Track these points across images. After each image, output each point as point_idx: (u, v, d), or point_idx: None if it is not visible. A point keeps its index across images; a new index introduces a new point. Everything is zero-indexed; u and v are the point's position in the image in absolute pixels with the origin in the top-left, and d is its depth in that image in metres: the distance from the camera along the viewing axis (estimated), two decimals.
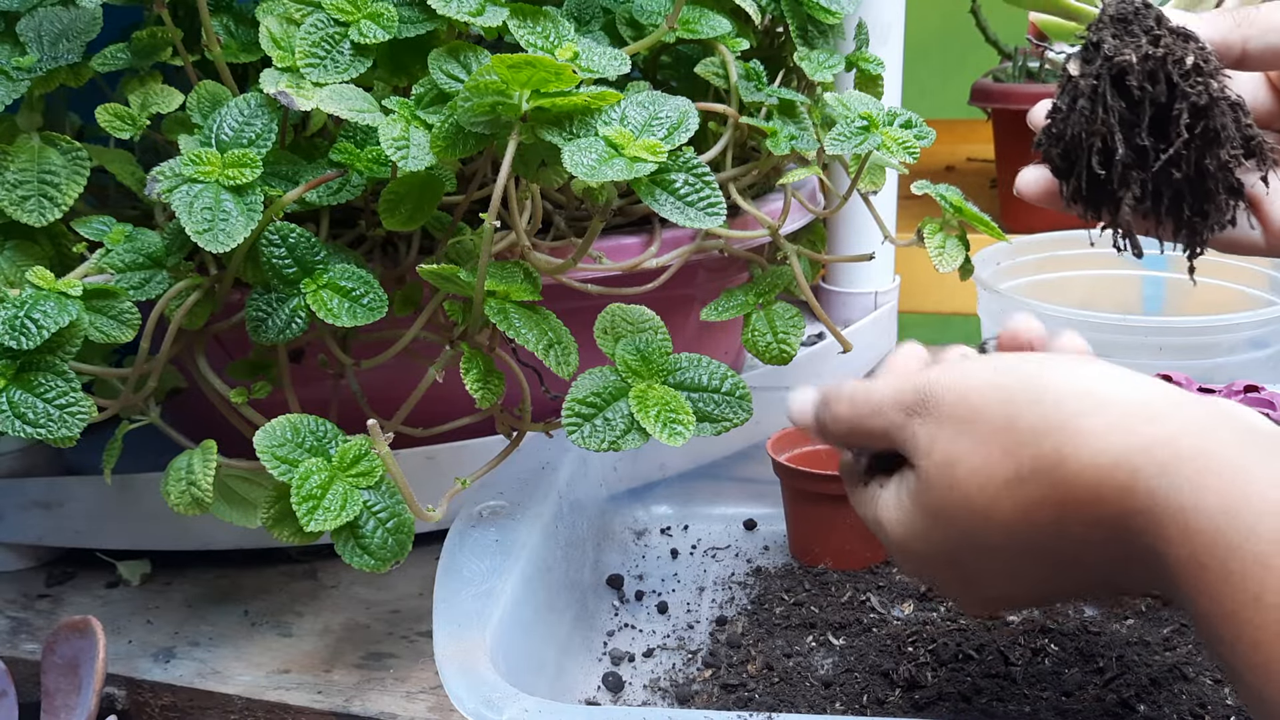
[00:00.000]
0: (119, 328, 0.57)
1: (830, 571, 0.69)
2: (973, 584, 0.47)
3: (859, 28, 0.81)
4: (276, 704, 0.63)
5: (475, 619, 0.53)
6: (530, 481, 0.67)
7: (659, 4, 0.70)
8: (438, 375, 0.59)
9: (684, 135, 0.55)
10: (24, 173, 0.59)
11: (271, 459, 0.55)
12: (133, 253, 0.59)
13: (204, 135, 0.58)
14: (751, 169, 0.73)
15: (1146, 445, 0.40)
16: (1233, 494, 0.38)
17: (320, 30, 0.59)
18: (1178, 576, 0.39)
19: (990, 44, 1.31)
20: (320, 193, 0.59)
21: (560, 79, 0.53)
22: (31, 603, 0.75)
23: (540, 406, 0.63)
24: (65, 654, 0.58)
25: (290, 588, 0.75)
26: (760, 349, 0.68)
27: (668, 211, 0.55)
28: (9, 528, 0.77)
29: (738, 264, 0.78)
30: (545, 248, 0.67)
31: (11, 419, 0.53)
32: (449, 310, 0.59)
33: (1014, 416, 0.43)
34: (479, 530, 0.61)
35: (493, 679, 0.48)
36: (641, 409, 0.57)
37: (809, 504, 0.71)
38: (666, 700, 0.58)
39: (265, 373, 0.63)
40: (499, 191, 0.55)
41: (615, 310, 0.61)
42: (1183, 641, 0.60)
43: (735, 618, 0.65)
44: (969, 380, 0.45)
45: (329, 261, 0.58)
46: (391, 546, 0.57)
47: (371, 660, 0.67)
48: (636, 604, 0.68)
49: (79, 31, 0.63)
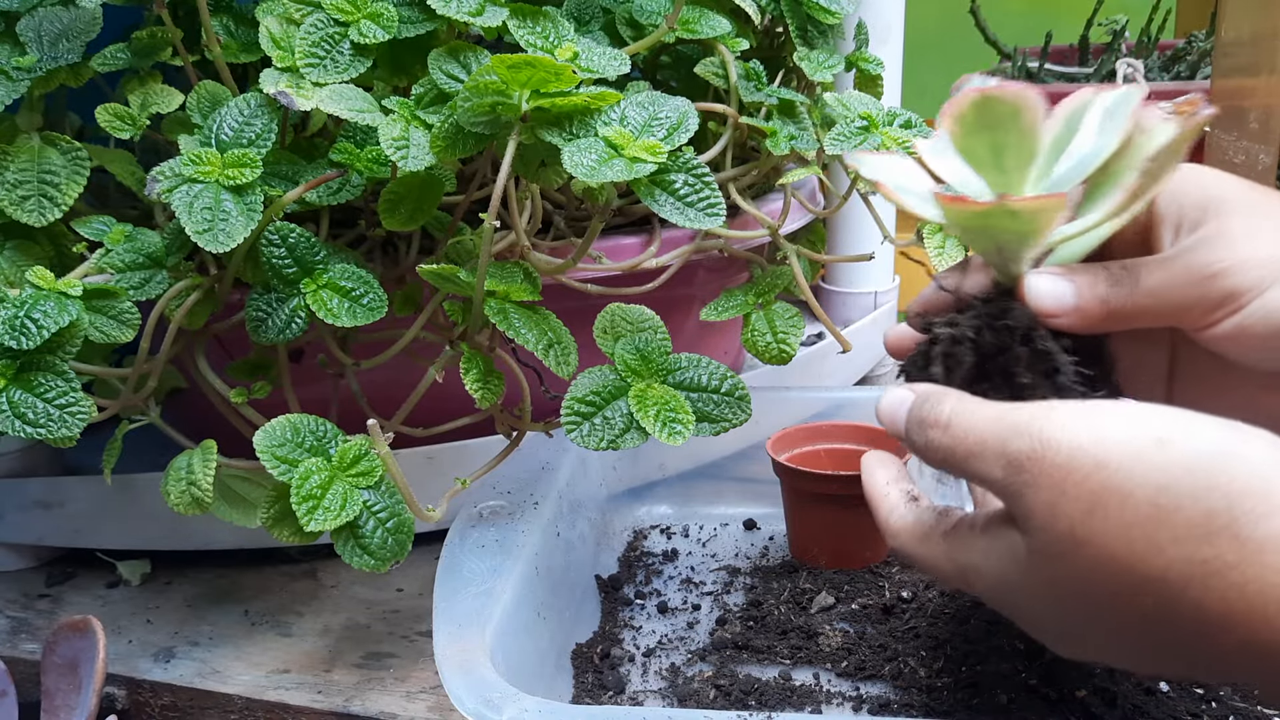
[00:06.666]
0: (119, 328, 0.57)
1: (830, 571, 0.69)
2: (1082, 646, 0.43)
3: (859, 28, 0.81)
4: (276, 704, 0.63)
5: (475, 619, 0.53)
6: (530, 481, 0.67)
7: (659, 4, 0.70)
8: (438, 375, 0.59)
9: (684, 135, 0.55)
10: (24, 173, 0.59)
11: (271, 459, 0.55)
12: (133, 253, 0.59)
13: (204, 135, 0.58)
14: (751, 169, 0.73)
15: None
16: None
17: (320, 30, 0.59)
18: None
19: (990, 44, 1.31)
20: (320, 193, 0.59)
21: (560, 79, 0.53)
22: (31, 603, 0.75)
23: (540, 406, 0.63)
24: (65, 654, 0.58)
25: (290, 588, 0.75)
26: (760, 349, 0.68)
27: (667, 212, 0.55)
28: (9, 528, 0.77)
29: (738, 264, 0.78)
30: (545, 248, 0.67)
31: (11, 419, 0.53)
32: (449, 310, 0.59)
33: (1168, 509, 0.37)
34: (479, 530, 0.61)
35: (493, 679, 0.48)
36: (641, 408, 0.57)
37: (809, 504, 0.71)
38: (666, 700, 0.58)
39: (265, 373, 0.63)
40: (499, 191, 0.55)
41: (615, 310, 0.62)
42: None
43: (735, 618, 0.65)
44: (1106, 443, 0.38)
45: (329, 261, 0.58)
46: (391, 546, 0.57)
47: (371, 660, 0.67)
48: (636, 604, 0.68)
49: (79, 31, 0.63)
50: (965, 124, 0.45)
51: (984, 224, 0.44)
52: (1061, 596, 0.40)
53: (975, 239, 0.46)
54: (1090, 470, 0.38)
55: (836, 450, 0.74)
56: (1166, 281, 0.45)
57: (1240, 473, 0.36)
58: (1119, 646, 0.41)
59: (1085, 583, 0.39)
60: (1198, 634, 0.38)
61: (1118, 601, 0.39)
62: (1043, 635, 0.44)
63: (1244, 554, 0.36)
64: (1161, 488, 0.37)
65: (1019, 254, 0.45)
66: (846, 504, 0.69)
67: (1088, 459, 0.38)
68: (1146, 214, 0.48)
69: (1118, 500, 0.37)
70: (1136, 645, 0.40)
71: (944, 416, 0.42)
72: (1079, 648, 0.43)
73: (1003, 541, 0.42)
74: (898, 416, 0.45)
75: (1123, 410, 0.39)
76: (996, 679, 0.57)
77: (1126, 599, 0.38)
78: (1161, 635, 0.39)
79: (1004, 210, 0.42)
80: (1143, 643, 0.40)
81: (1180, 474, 0.37)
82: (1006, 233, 0.44)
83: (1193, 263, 0.45)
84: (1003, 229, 0.44)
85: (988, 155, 0.46)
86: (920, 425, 0.43)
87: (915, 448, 0.44)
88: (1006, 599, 0.43)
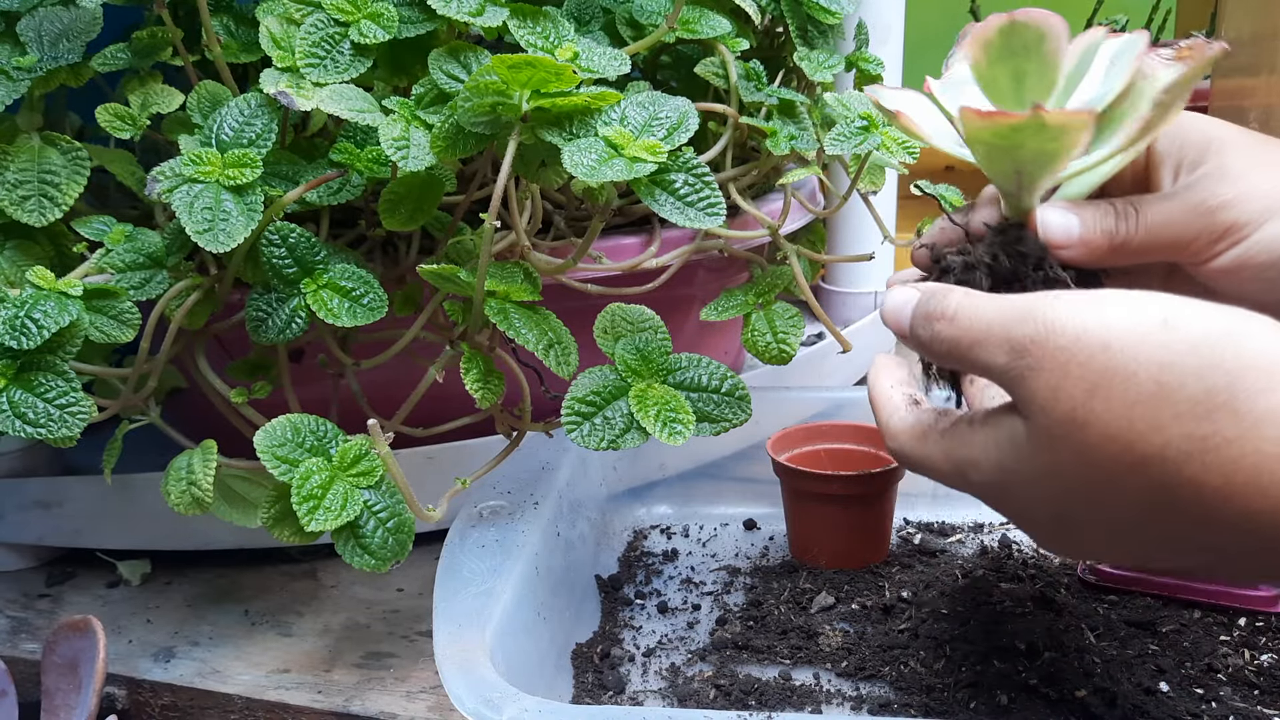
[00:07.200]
0: (119, 328, 0.57)
1: (830, 571, 0.69)
2: (1076, 537, 0.43)
3: (859, 28, 0.81)
4: (276, 704, 0.63)
5: (475, 619, 0.53)
6: (530, 481, 0.67)
7: (659, 4, 0.70)
8: (438, 375, 0.59)
9: (684, 135, 0.55)
10: (24, 173, 0.59)
11: (271, 459, 0.55)
12: (133, 253, 0.59)
13: (204, 135, 0.58)
14: (751, 169, 0.73)
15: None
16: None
17: (320, 30, 0.59)
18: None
19: None
20: (320, 193, 0.59)
21: (560, 79, 0.53)
22: (31, 603, 0.75)
23: (540, 406, 0.63)
24: (65, 654, 0.58)
25: (290, 588, 0.75)
26: (760, 349, 0.68)
27: (667, 212, 0.55)
28: (9, 528, 0.77)
29: (738, 264, 0.78)
30: (545, 248, 0.67)
31: (12, 419, 0.53)
32: (449, 310, 0.59)
33: (1171, 386, 0.37)
34: (479, 530, 0.61)
35: (493, 679, 0.48)
36: (641, 408, 0.57)
37: (809, 504, 0.71)
38: (666, 700, 0.58)
39: (265, 373, 0.63)
40: (499, 191, 0.55)
41: (615, 310, 0.62)
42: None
43: (735, 618, 0.65)
44: (1112, 326, 0.38)
45: (329, 261, 0.58)
46: (391, 546, 0.57)
47: (371, 660, 0.67)
48: (636, 604, 0.68)
49: (79, 31, 0.63)
50: (991, 50, 0.45)
51: (1012, 141, 0.44)
52: (1060, 482, 0.40)
53: (998, 160, 0.46)
54: (1095, 351, 0.38)
55: (836, 450, 0.74)
56: (1169, 215, 0.46)
57: (1243, 350, 0.37)
58: (1115, 535, 0.41)
59: (1085, 465, 0.39)
60: (1195, 513, 0.38)
61: (1116, 484, 0.39)
62: (1037, 528, 0.44)
63: (1242, 428, 0.36)
64: (1165, 365, 0.37)
65: (1037, 180, 0.46)
66: (846, 504, 0.69)
67: (1094, 340, 0.38)
68: (1145, 157, 0.49)
69: (1121, 380, 0.37)
70: (1133, 532, 0.40)
71: (950, 309, 0.42)
72: (1073, 540, 0.43)
73: (1003, 430, 0.41)
74: (903, 315, 0.45)
75: (1128, 296, 0.39)
76: (996, 679, 0.57)
77: (1126, 480, 0.38)
78: (1159, 518, 0.39)
79: (1037, 123, 0.42)
80: (1139, 529, 0.40)
81: (1185, 351, 0.37)
82: (1032, 152, 0.44)
83: (1195, 197, 0.46)
84: (1030, 148, 0.44)
85: (1009, 84, 0.46)
86: (926, 319, 0.43)
87: (920, 342, 0.44)
88: (1004, 491, 0.43)
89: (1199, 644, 0.60)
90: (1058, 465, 0.40)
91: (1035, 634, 0.60)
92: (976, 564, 0.69)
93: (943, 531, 0.74)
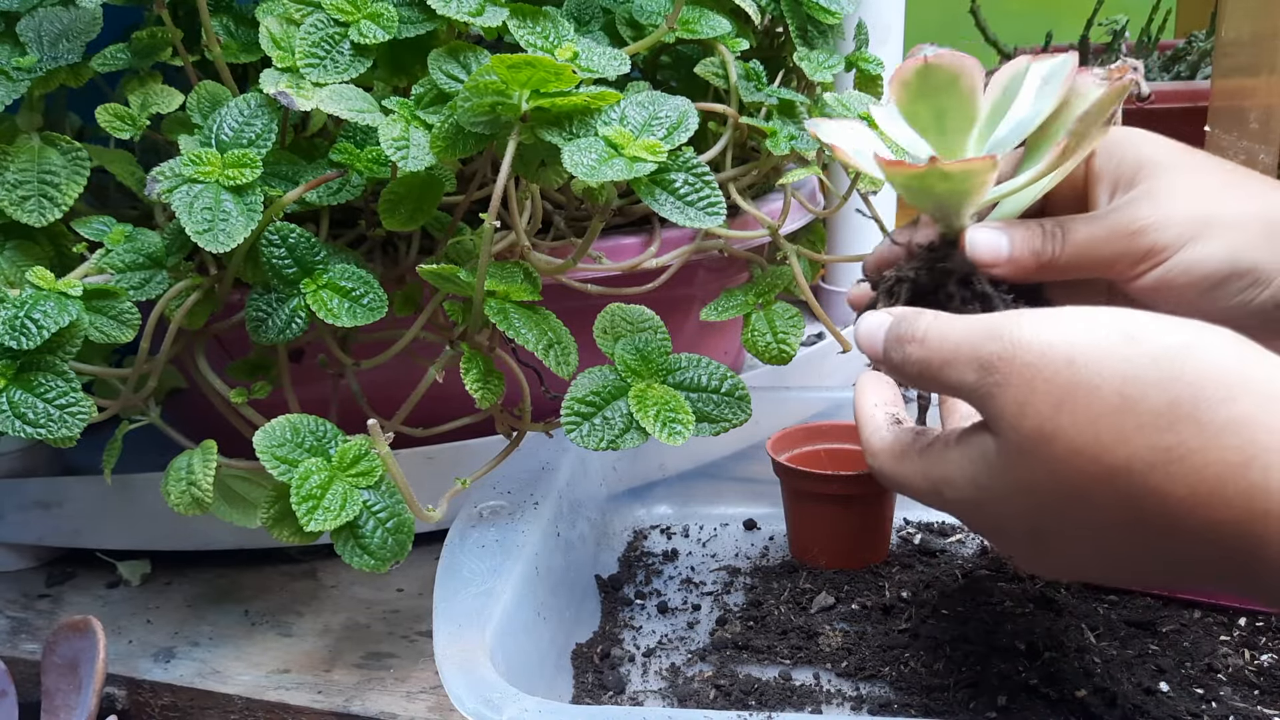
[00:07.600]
0: (119, 328, 0.57)
1: (830, 571, 0.69)
2: (1050, 555, 0.43)
3: (859, 28, 0.81)
4: (276, 704, 0.63)
5: (475, 619, 0.53)
6: (530, 481, 0.67)
7: (659, 4, 0.70)
8: (438, 375, 0.59)
9: (684, 135, 0.55)
10: (24, 173, 0.59)
11: (271, 459, 0.55)
12: (133, 253, 0.59)
13: (204, 135, 0.58)
14: (751, 169, 0.73)
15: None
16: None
17: (320, 30, 0.59)
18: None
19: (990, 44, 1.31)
20: (320, 193, 0.59)
21: (560, 79, 0.53)
22: (31, 603, 0.75)
23: (540, 406, 0.63)
24: (65, 654, 0.58)
25: (290, 588, 0.75)
26: (760, 349, 0.68)
27: (668, 211, 0.55)
28: (9, 528, 0.77)
29: (738, 264, 0.78)
30: (545, 248, 0.67)
31: (11, 419, 0.53)
32: (449, 310, 0.59)
33: (1134, 399, 0.38)
34: (479, 530, 0.61)
35: (493, 679, 0.48)
36: (641, 408, 0.57)
37: (809, 504, 0.71)
38: (666, 700, 0.58)
39: (265, 373, 0.63)
40: (499, 191, 0.55)
41: (615, 310, 0.62)
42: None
43: (735, 618, 0.65)
44: (1076, 342, 0.39)
45: (329, 261, 0.58)
46: (391, 546, 0.57)
47: (371, 660, 0.67)
48: (636, 604, 0.68)
49: (79, 31, 0.63)
50: (909, 90, 0.48)
51: (921, 185, 0.47)
52: (1032, 497, 0.41)
53: (916, 198, 0.49)
54: (1060, 367, 0.39)
55: (836, 450, 0.74)
56: (1093, 237, 0.48)
57: (1204, 361, 0.38)
58: (1085, 550, 0.42)
59: (1054, 479, 0.40)
60: (1160, 524, 0.38)
61: (1085, 496, 0.39)
62: (1012, 545, 0.45)
63: (1205, 438, 0.37)
64: (1129, 378, 0.38)
65: (958, 211, 0.48)
66: (846, 504, 0.69)
67: (1058, 356, 0.39)
68: (1084, 175, 0.51)
69: (1085, 393, 0.38)
70: (1102, 546, 0.41)
71: (920, 331, 0.44)
72: (1046, 557, 0.44)
73: (975, 448, 0.42)
74: (876, 338, 0.46)
75: (1090, 313, 0.40)
76: (996, 679, 0.57)
77: (1094, 492, 0.39)
78: (1126, 531, 0.40)
79: (937, 173, 0.45)
80: (1107, 542, 0.41)
81: (1147, 364, 0.38)
82: (942, 193, 0.47)
83: (1118, 220, 0.48)
84: (938, 190, 0.47)
85: (931, 119, 0.49)
86: (898, 342, 0.45)
87: (893, 365, 0.45)
88: (977, 509, 0.44)
89: (1199, 644, 0.60)
90: (1028, 480, 0.41)
91: (1035, 634, 0.60)
92: (976, 564, 0.69)
93: (943, 531, 0.74)
